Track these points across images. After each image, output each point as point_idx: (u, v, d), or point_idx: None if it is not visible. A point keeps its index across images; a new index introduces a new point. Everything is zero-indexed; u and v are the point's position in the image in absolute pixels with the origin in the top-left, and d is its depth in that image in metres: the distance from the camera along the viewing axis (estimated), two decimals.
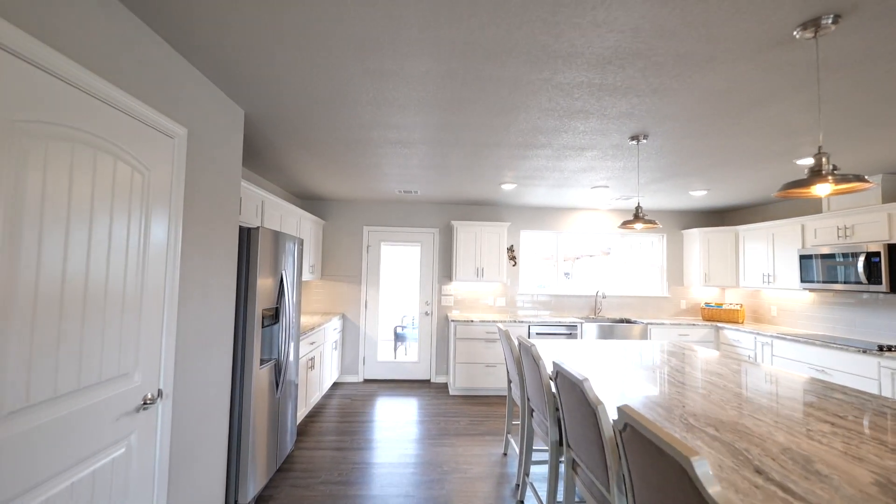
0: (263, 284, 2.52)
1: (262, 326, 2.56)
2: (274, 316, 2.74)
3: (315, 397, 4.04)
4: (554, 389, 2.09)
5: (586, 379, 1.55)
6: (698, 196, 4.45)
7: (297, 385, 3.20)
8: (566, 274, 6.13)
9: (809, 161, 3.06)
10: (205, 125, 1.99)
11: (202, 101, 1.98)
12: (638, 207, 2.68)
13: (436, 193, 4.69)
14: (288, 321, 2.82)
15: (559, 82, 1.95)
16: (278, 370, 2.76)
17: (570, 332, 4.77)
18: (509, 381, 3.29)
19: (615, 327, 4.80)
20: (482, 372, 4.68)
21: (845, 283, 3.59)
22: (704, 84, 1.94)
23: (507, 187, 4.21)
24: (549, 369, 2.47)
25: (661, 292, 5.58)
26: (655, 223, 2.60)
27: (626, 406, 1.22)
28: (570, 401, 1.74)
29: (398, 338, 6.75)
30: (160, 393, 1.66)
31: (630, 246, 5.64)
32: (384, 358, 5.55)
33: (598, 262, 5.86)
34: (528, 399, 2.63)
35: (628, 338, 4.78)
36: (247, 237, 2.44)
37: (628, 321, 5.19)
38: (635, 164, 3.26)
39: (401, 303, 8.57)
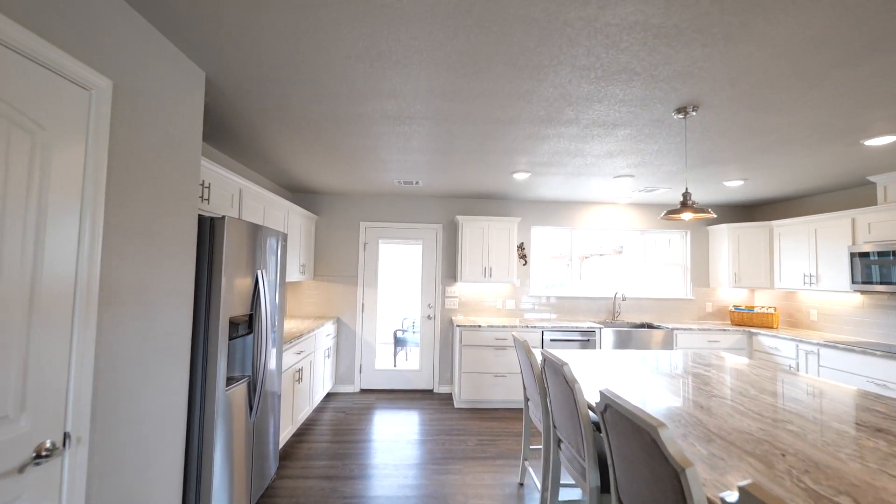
0: (233, 287, 2.07)
1: (231, 338, 2.11)
2: (248, 324, 2.29)
3: (304, 413, 3.59)
4: (600, 426, 1.63)
5: (662, 426, 1.09)
6: (733, 187, 3.99)
7: (279, 402, 2.75)
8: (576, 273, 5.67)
9: (883, 141, 2.60)
10: (145, 82, 1.54)
11: (142, 53, 1.52)
12: (686, 194, 2.21)
13: (439, 185, 4.24)
14: (265, 329, 2.37)
15: (606, 23, 1.49)
16: (253, 389, 2.31)
17: (587, 338, 4.31)
18: (526, 400, 2.83)
19: (636, 333, 4.34)
20: (490, 383, 4.23)
21: None
22: (794, 27, 1.49)
23: (519, 177, 3.75)
24: (585, 392, 2.01)
25: (683, 294, 5.12)
26: (709, 212, 2.14)
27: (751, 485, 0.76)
28: (630, 448, 1.28)
29: (398, 342, 6.31)
30: (67, 439, 1.20)
31: (644, 244, 5.18)
32: (383, 365, 5.09)
33: (609, 261, 5.40)
34: (555, 426, 2.17)
35: (650, 345, 4.33)
36: (210, 229, 1.99)
37: (650, 326, 4.73)
38: (673, 145, 2.81)
39: (401, 305, 8.11)
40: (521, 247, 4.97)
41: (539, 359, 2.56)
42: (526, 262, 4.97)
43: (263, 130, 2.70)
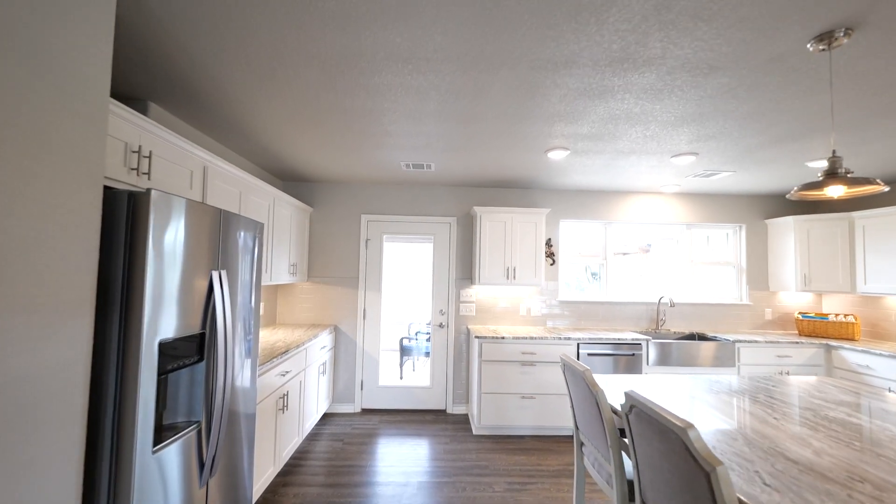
0: (169, 295, 1.40)
1: (168, 370, 1.44)
2: (198, 347, 1.62)
3: (291, 446, 2.92)
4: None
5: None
6: (815, 167, 3.27)
7: (252, 445, 2.08)
8: (594, 275, 4.97)
9: None
10: None
11: None
12: (835, 159, 1.51)
13: (454, 169, 3.55)
14: (227, 352, 1.70)
15: None
16: (205, 439, 1.64)
17: (632, 352, 3.60)
18: (580, 444, 2.15)
19: (687, 346, 3.62)
20: (516, 405, 3.54)
21: None
22: None
23: (555, 156, 3.06)
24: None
25: (737, 298, 4.39)
26: (878, 183, 1.44)
27: None
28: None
29: (405, 351, 5.64)
30: None
31: (690, 241, 4.45)
32: (387, 381, 4.42)
33: (636, 261, 4.69)
34: (642, 497, 1.48)
35: (706, 360, 3.62)
36: (129, 210, 1.32)
37: (703, 337, 4.02)
38: (772, 104, 2.10)
39: (408, 310, 7.45)
40: (548, 243, 4.28)
41: (604, 393, 1.87)
42: (554, 261, 4.28)
43: (228, 85, 2.04)
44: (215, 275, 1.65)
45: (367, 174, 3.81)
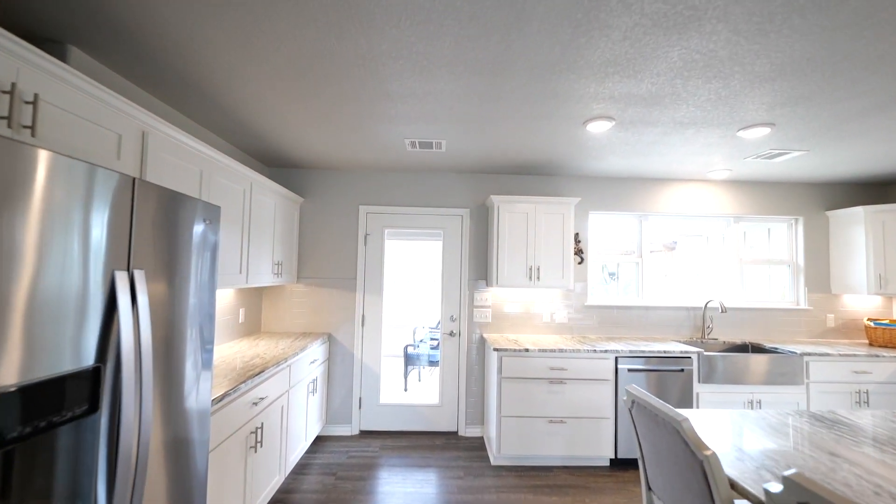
0: (31, 306, 0.84)
1: (8, 441, 0.87)
2: (89, 391, 1.05)
3: (271, 486, 2.36)
4: None
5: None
6: None
7: None
8: (611, 275, 4.40)
9: None
10: None
11: None
12: None
13: (469, 149, 2.98)
14: (142, 394, 1.13)
15: None
16: None
17: (680, 367, 3.02)
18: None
19: (744, 361, 3.03)
20: (543, 431, 2.96)
21: None
22: None
23: (596, 129, 2.48)
24: None
25: (793, 302, 3.80)
26: None
27: None
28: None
29: (410, 360, 5.08)
30: None
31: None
32: (390, 398, 3.86)
33: (660, 259, 4.10)
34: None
35: (766, 375, 3.03)
36: None
37: (759, 348, 3.43)
38: (884, 48, 1.52)
39: (413, 313, 6.89)
40: (575, 239, 3.70)
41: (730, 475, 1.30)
42: (582, 259, 3.70)
43: (178, 25, 1.48)
44: (121, 277, 1.08)
45: (365, 157, 3.25)
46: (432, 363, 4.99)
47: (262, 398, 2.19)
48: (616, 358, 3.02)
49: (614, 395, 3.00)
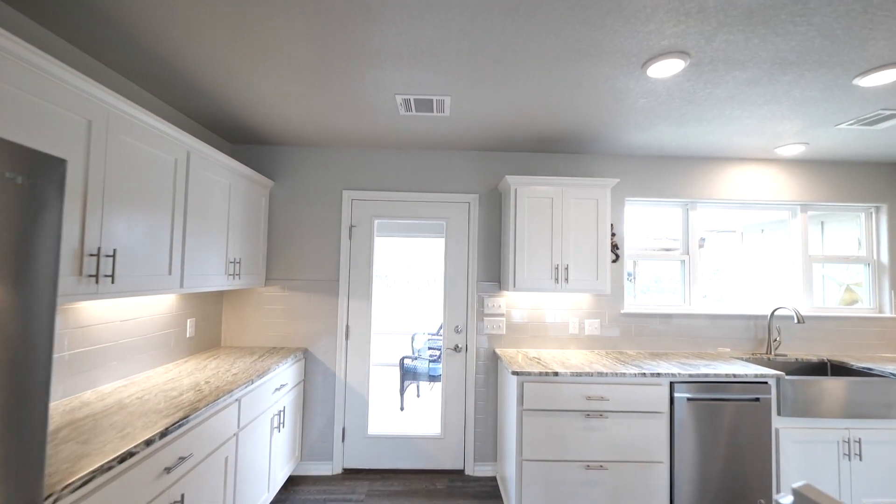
0: None
1: None
2: None
3: None
4: None
5: None
6: None
7: None
8: (629, 275, 3.71)
9: None
10: None
11: None
12: None
13: (481, 112, 2.29)
14: None
15: None
16: None
17: (756, 395, 2.32)
18: None
19: (840, 387, 2.34)
20: (578, 479, 2.27)
21: None
22: None
23: (661, 71, 1.79)
24: None
25: (873, 310, 3.10)
26: None
27: None
28: None
29: (407, 374, 4.40)
30: None
31: (787, 230, 3.16)
32: (380, 427, 3.19)
33: (688, 258, 3.40)
34: None
35: (867, 406, 2.33)
36: None
37: (844, 367, 2.73)
38: None
39: (412, 319, 6.21)
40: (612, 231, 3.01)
41: None
42: (617, 257, 3.01)
43: None
44: None
45: (347, 127, 2.56)
46: (433, 378, 4.31)
47: (183, 458, 1.50)
48: (671, 383, 2.32)
49: (668, 432, 2.31)
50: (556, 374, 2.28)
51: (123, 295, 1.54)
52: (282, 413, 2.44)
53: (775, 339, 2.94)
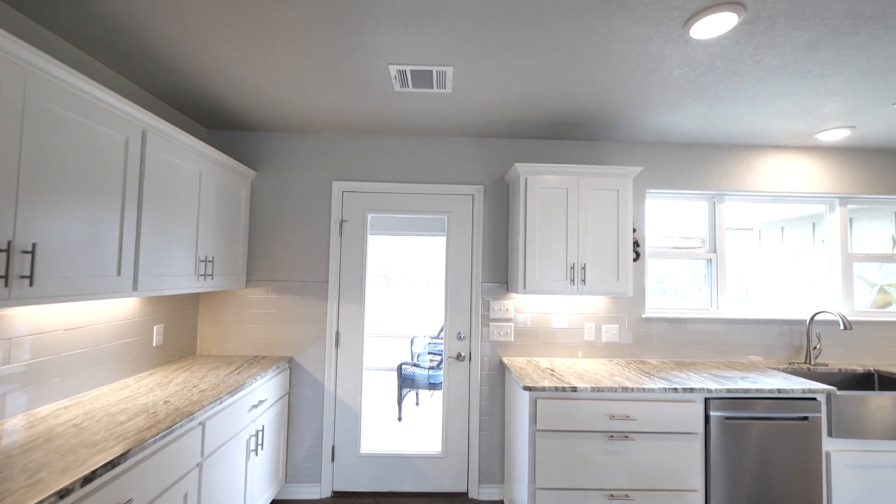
0: None
1: None
2: None
3: None
4: None
5: None
6: None
7: None
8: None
9: None
10: None
11: None
12: None
13: (488, 89, 1.99)
14: None
15: None
16: None
17: (804, 413, 2.02)
18: None
19: (888, 403, 2.04)
20: None
21: None
22: None
23: (706, 30, 1.49)
24: None
25: None
26: None
27: None
28: None
29: (405, 382, 4.10)
30: None
31: (826, 226, 2.86)
32: (374, 445, 2.90)
33: (715, 256, 3.09)
34: None
35: None
36: None
37: (893, 378, 2.43)
38: None
39: (410, 321, 5.92)
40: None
41: None
42: (638, 255, 2.71)
43: None
44: None
45: (337, 108, 2.26)
46: (433, 385, 4.01)
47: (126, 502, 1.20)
48: (706, 399, 2.02)
49: (703, 455, 2.01)
50: (574, 389, 1.98)
51: (47, 300, 1.24)
52: (260, 433, 2.14)
53: (815, 347, 2.64)
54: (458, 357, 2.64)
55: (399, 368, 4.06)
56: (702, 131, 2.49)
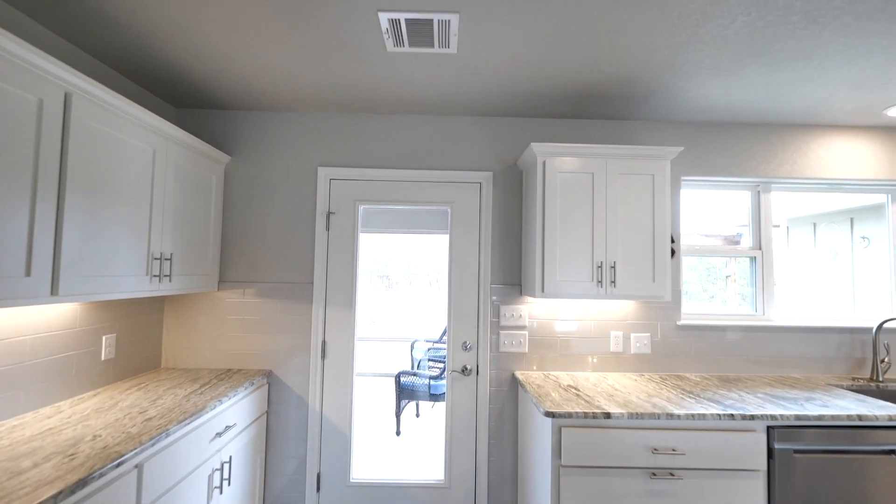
0: None
1: None
2: None
3: None
4: None
5: None
6: None
7: None
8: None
9: None
10: None
11: None
12: None
13: (501, 48, 1.63)
14: None
15: None
16: None
17: (890, 447, 1.65)
18: None
19: None
20: None
21: None
22: None
23: None
24: None
25: None
26: None
27: None
28: None
29: (404, 392, 3.74)
30: None
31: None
32: (366, 471, 2.55)
33: (760, 253, 2.71)
34: None
35: None
36: None
37: None
38: None
39: (410, 323, 5.59)
40: None
41: None
42: (673, 253, 2.34)
43: None
44: None
45: (319, 77, 1.90)
46: (434, 396, 3.65)
47: None
48: (768, 428, 1.65)
49: (766, 497, 1.63)
50: (607, 415, 1.61)
51: None
52: (227, 465, 1.78)
53: (883, 360, 2.25)
54: (464, 371, 2.27)
55: (397, 379, 3.70)
56: (752, 106, 2.11)
